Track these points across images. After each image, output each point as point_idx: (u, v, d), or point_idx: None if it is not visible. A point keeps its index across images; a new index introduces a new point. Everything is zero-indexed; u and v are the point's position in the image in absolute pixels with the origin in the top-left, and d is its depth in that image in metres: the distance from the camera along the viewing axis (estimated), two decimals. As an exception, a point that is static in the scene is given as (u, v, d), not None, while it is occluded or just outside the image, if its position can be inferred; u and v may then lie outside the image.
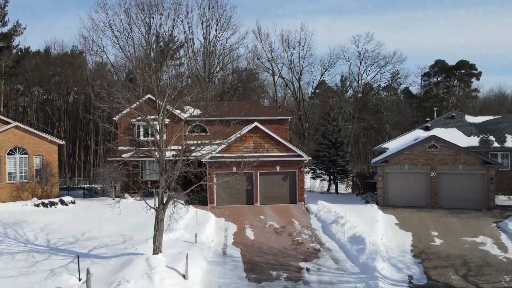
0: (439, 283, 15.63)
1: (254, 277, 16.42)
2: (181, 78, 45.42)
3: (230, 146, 29.35)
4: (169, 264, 16.05)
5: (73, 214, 26.40)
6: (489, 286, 15.30)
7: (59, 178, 32.96)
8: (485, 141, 32.07)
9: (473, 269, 16.93)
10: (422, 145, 28.03)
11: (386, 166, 28.53)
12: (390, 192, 28.48)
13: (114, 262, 16.70)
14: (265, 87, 63.75)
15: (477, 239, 20.59)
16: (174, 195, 16.34)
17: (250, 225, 24.08)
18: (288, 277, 16.40)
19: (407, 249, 19.47)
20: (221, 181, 29.14)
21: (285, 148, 29.83)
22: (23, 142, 28.98)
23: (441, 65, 67.67)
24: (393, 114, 60.28)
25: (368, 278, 15.81)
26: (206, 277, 16.23)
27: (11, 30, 46.14)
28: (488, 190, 26.84)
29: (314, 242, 21.17)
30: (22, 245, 19.65)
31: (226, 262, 18.23)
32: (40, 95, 59.24)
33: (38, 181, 29.37)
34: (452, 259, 18.00)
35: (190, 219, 24.11)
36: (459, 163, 27.29)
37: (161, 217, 16.51)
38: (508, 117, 35.28)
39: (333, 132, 39.48)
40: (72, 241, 20.25)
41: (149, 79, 16.99)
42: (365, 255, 17.85)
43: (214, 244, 20.67)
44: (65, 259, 17.46)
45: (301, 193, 29.90)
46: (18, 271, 16.20)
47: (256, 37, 63.09)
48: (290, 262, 18.14)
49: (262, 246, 20.34)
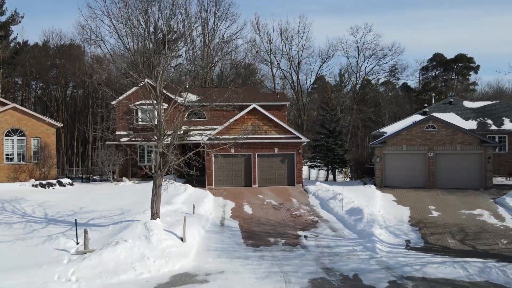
0: (436, 246, 15.65)
1: (252, 242, 16.43)
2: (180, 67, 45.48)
3: (228, 129, 29.35)
4: (167, 228, 16.03)
5: (71, 193, 26.36)
6: (486, 247, 15.33)
7: (57, 168, 32.92)
8: (482, 124, 32.16)
9: (470, 234, 16.97)
10: (419, 125, 28.08)
11: (384, 147, 28.56)
12: (388, 173, 28.51)
13: (112, 228, 16.70)
14: (263, 82, 63.78)
15: (474, 212, 20.63)
16: (173, 160, 16.31)
17: (248, 202, 24.09)
18: (286, 242, 16.41)
19: (404, 219, 19.51)
20: (219, 163, 29.24)
21: (283, 130, 29.85)
22: (21, 124, 28.96)
23: (440, 58, 67.79)
24: (392, 106, 60.36)
25: (366, 242, 15.83)
26: (204, 242, 16.23)
27: (9, 19, 46.11)
28: (486, 169, 26.88)
29: (312, 215, 21.18)
30: (19, 217, 19.61)
31: (224, 231, 18.24)
32: (38, 88, 59.23)
33: (36, 163, 29.32)
34: (449, 227, 18.03)
35: (189, 196, 24.10)
36: (457, 143, 27.34)
37: (158, 183, 16.50)
38: (506, 102, 35.41)
39: (331, 121, 39.57)
40: (70, 214, 20.18)
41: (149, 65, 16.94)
42: (363, 224, 17.88)
43: (212, 217, 20.68)
44: (63, 227, 17.43)
45: (299, 175, 29.91)
46: (15, 237, 16.16)
47: (254, 29, 63.20)
48: (288, 231, 18.15)
49: (260, 219, 20.35)
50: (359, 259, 14.11)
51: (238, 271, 12.99)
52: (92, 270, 12.61)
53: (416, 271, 12.82)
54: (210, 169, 29.35)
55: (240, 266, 13.43)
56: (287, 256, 14.58)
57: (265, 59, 59.55)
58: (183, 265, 13.55)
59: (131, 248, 13.78)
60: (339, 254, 14.79)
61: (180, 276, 12.66)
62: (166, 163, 16.46)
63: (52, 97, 54.98)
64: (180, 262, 13.62)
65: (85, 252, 13.81)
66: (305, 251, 15.23)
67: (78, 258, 13.37)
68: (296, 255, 14.66)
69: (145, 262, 13.23)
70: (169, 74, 48.93)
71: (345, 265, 13.47)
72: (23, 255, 14.13)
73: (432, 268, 12.94)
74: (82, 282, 12.07)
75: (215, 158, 29.15)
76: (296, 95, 60.29)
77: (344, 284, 11.79)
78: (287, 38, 58.76)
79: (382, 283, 11.82)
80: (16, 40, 54.04)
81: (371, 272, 12.79)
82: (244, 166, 29.74)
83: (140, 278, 12.52)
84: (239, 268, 13.23)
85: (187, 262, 13.83)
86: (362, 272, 12.80)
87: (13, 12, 46.30)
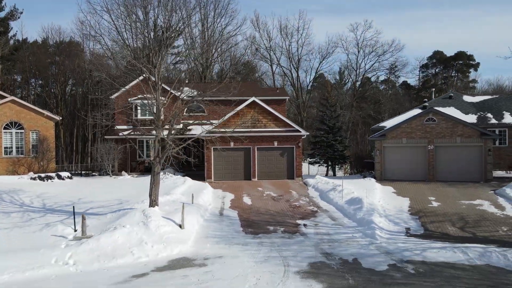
0: (436, 233, 15.56)
1: (251, 230, 16.34)
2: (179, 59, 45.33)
3: (227, 122, 29.26)
4: (165, 216, 15.94)
5: (70, 186, 26.26)
6: (486, 234, 15.24)
7: (56, 165, 32.84)
8: (482, 118, 32.09)
9: (470, 222, 16.89)
10: (419, 118, 27.99)
11: (383, 140, 28.46)
12: (388, 166, 28.40)
13: (110, 216, 16.59)
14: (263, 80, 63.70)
15: (474, 202, 20.54)
16: (171, 147, 16.22)
17: (247, 194, 23.99)
18: (285, 230, 16.32)
19: (404, 209, 19.44)
20: (218, 157, 29.17)
21: (282, 124, 29.77)
22: (20, 117, 28.87)
23: (439, 56, 67.73)
24: (391, 103, 60.28)
25: (365, 229, 15.75)
26: (203, 230, 16.14)
27: (8, 15, 46.05)
28: (486, 162, 26.79)
29: (311, 206, 21.10)
30: (17, 207, 19.52)
31: (223, 220, 18.15)
32: (37, 85, 59.16)
33: (35, 156, 29.23)
34: (449, 216, 17.95)
35: (188, 188, 23.99)
36: (457, 136, 27.25)
37: (157, 170, 16.41)
38: (506, 96, 35.34)
39: (331, 117, 39.51)
40: (68, 204, 20.03)
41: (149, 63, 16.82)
42: (362, 212, 17.79)
43: (211, 207, 20.59)
44: (61, 216, 17.32)
45: (299, 168, 29.82)
46: (13, 225, 16.04)
47: (254, 26, 63.15)
48: (287, 220, 18.07)
49: (259, 209, 20.26)
50: (358, 245, 14.02)
51: (236, 255, 12.90)
52: (90, 254, 12.53)
53: (416, 255, 12.73)
54: (209, 162, 29.26)
55: (238, 252, 13.34)
56: (286, 242, 14.49)
57: (264, 56, 59.56)
58: (181, 250, 13.47)
59: (129, 234, 13.70)
60: (339, 240, 14.70)
61: (178, 261, 12.57)
62: (164, 149, 16.36)
63: (52, 94, 54.88)
64: (179, 248, 13.54)
65: (82, 238, 13.73)
66: (304, 238, 15.14)
67: (75, 243, 13.28)
68: (295, 242, 14.57)
69: (143, 247, 13.14)
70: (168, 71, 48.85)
71: (344, 250, 13.37)
72: (20, 240, 14.03)
73: (432, 253, 12.85)
74: (79, 265, 11.98)
75: (214, 152, 29.07)
76: (296, 92, 60.25)
77: (343, 267, 11.69)
78: (286, 35, 58.81)
79: (382, 266, 11.72)
80: (15, 37, 54.08)
81: (371, 256, 12.69)
82: (244, 160, 29.65)
83: (138, 262, 12.43)
84: (238, 253, 13.14)
85: (186, 247, 13.74)
86: (362, 256, 12.70)
87: (12, 8, 46.22)
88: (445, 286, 10.13)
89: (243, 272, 11.26)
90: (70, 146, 55.90)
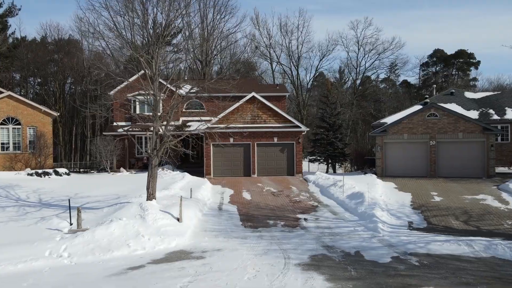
0: (439, 226, 15.24)
1: (250, 224, 16.02)
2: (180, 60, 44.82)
3: (227, 118, 28.94)
4: (163, 209, 15.63)
5: (67, 182, 25.94)
6: (491, 227, 14.92)
7: (54, 162, 32.51)
8: (484, 114, 31.77)
9: (474, 216, 16.57)
10: (421, 114, 27.67)
11: (385, 136, 28.13)
12: (389, 162, 28.07)
13: (106, 210, 16.27)
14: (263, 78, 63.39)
15: (477, 197, 20.22)
16: (169, 137, 15.90)
17: (247, 190, 23.67)
18: (285, 224, 16.00)
19: (406, 204, 19.12)
20: (217, 153, 28.85)
21: (282, 119, 29.44)
22: (17, 112, 28.54)
23: (440, 54, 67.43)
24: (392, 101, 59.96)
25: (367, 223, 15.43)
26: (201, 224, 15.83)
27: (6, 11, 45.71)
28: (488, 157, 26.46)
29: (312, 201, 20.78)
30: (13, 201, 19.19)
31: (221, 214, 17.84)
32: (36, 83, 58.79)
33: (32, 152, 28.90)
34: (452, 210, 17.63)
35: (186, 184, 23.70)
36: (459, 131, 26.93)
37: (154, 163, 16.09)
38: (508, 92, 35.05)
39: (331, 115, 39.22)
40: (64, 199, 19.65)
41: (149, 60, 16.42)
42: (364, 207, 17.49)
43: (210, 202, 20.28)
44: (56, 210, 17.01)
45: (299, 164, 29.49)
46: (8, 219, 15.74)
47: (254, 24, 62.93)
48: (288, 214, 17.75)
49: (259, 204, 19.95)
50: (360, 238, 13.70)
51: (235, 248, 12.57)
52: (85, 246, 12.21)
53: (420, 248, 12.41)
54: (208, 158, 28.94)
55: (238, 245, 13.01)
56: (286, 235, 14.17)
57: (264, 54, 59.22)
58: (179, 243, 13.14)
59: (125, 226, 13.39)
60: (340, 234, 14.39)
61: (176, 253, 12.24)
62: (162, 142, 16.04)
63: (50, 92, 54.53)
64: (176, 241, 13.21)
65: (78, 231, 13.41)
66: (305, 231, 14.83)
67: (70, 236, 12.97)
68: (296, 235, 14.25)
69: (139, 240, 12.82)
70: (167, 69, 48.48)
71: (346, 243, 13.05)
72: (15, 234, 13.70)
73: (436, 246, 12.53)
74: (74, 257, 11.65)
75: (213, 148, 28.75)
76: (296, 90, 59.90)
77: (345, 259, 11.37)
78: (286, 33, 58.53)
79: (385, 258, 11.40)
80: (14, 35, 53.71)
81: (373, 249, 12.37)
82: (243, 156, 29.33)
83: (134, 254, 12.10)
84: (237, 246, 12.81)
85: (183, 240, 13.40)
86: (364, 249, 12.38)
87: (10, 4, 45.86)
88: (450, 277, 9.82)
89: (242, 264, 10.94)
90: (69, 144, 55.52)
